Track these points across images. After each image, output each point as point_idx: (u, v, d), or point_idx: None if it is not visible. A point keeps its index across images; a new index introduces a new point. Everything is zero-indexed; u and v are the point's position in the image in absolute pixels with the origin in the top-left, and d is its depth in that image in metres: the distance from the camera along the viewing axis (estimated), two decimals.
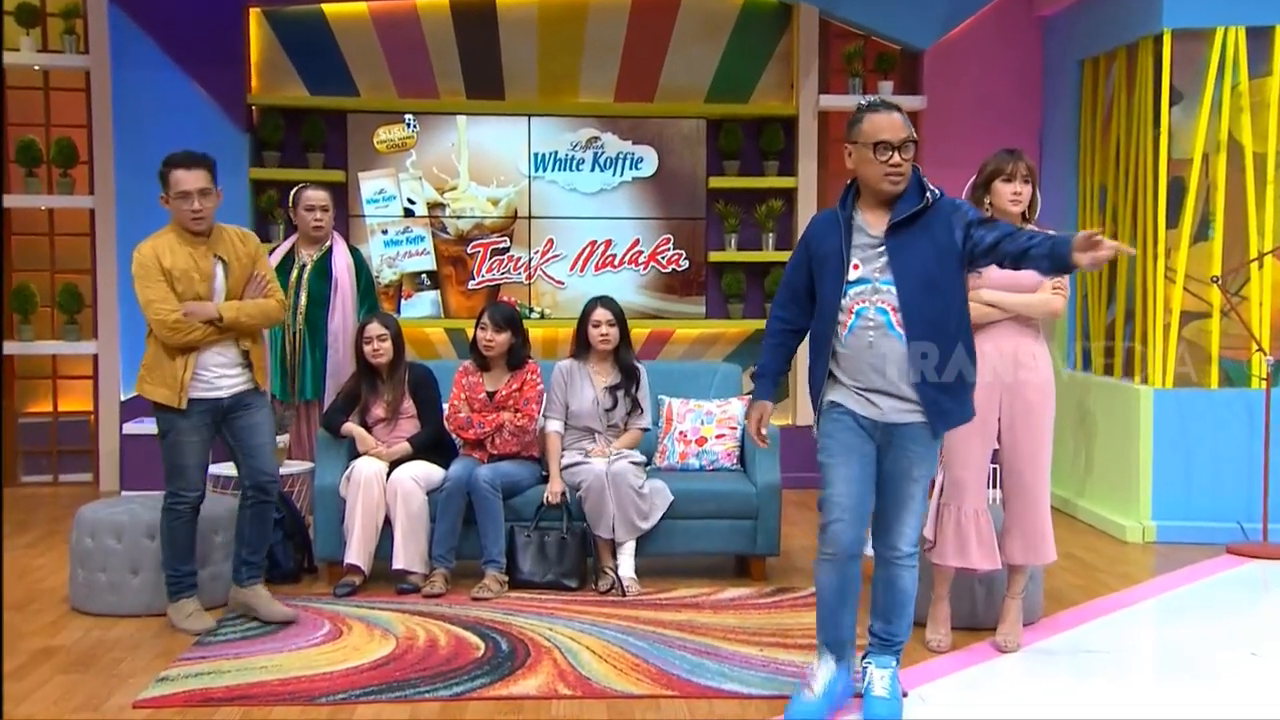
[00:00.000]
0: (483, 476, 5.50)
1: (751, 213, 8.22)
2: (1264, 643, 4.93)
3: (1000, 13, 8.10)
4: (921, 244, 3.81)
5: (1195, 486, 6.66)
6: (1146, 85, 6.79)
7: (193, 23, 7.82)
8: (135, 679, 4.36)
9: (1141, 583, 5.83)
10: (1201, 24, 6.62)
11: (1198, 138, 6.70)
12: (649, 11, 8.14)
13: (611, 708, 4.10)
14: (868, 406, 3.86)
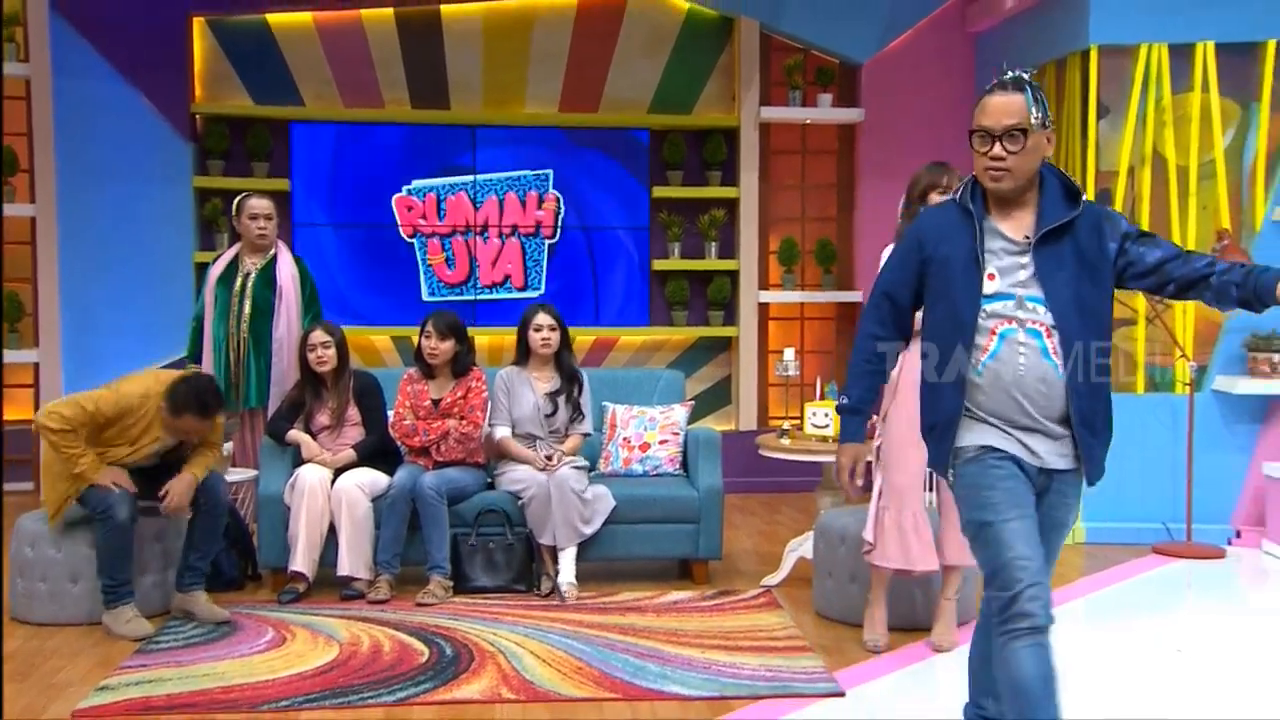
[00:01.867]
0: (427, 483, 5.47)
1: (694, 222, 8.24)
2: (1189, 640, 5.00)
3: (935, 28, 8.19)
4: (1069, 255, 3.07)
5: (1122, 489, 6.70)
6: (1074, 99, 6.89)
7: (136, 31, 7.74)
8: (74, 688, 4.28)
9: (1072, 582, 5.88)
10: (1126, 41, 6.72)
11: (1124, 150, 6.79)
12: (593, 24, 8.15)
13: (554, 711, 4.08)
14: (1025, 450, 3.10)
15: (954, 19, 8.19)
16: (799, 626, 5.05)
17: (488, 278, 8.17)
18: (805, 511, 7.21)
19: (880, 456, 4.82)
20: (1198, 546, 6.43)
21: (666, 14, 8.21)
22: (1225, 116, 6.79)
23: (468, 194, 8.11)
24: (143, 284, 7.71)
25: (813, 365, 8.39)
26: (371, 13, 8.01)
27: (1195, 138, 6.77)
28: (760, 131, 8.24)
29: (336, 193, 8.07)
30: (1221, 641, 5.01)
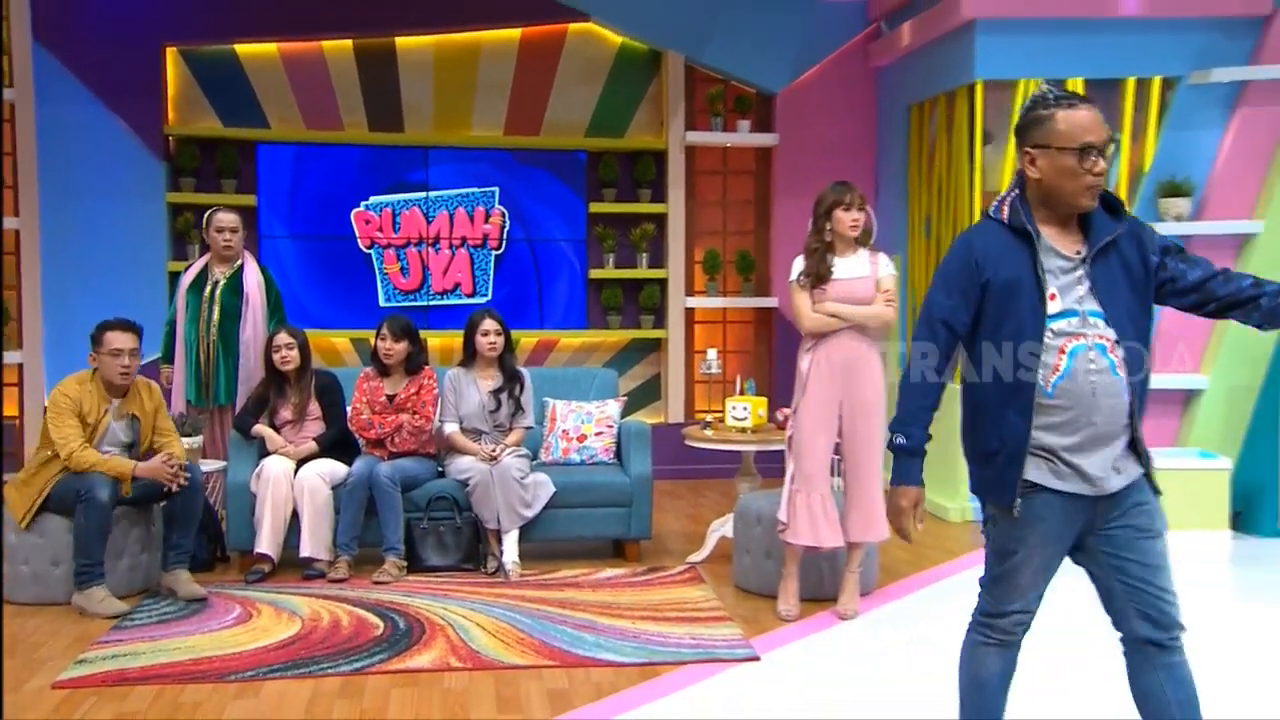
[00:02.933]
0: (383, 472, 5.44)
1: (627, 235, 8.25)
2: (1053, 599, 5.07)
3: (841, 62, 8.27)
4: (1118, 269, 2.76)
5: None
6: (963, 127, 6.96)
7: (113, 60, 7.61)
8: (54, 662, 4.22)
9: (961, 556, 5.93)
10: (1008, 75, 6.79)
11: (1006, 173, 6.86)
12: (535, 55, 8.13)
13: (499, 678, 4.08)
14: (1080, 482, 2.72)
15: (857, 55, 8.26)
16: (720, 599, 5.08)
17: (439, 285, 8.12)
18: (726, 495, 7.25)
19: (792, 445, 4.87)
20: None
21: (601, 47, 8.20)
22: None
23: (421, 209, 8.06)
24: (119, 291, 7.56)
25: (734, 364, 8.44)
26: (332, 44, 7.93)
27: None
28: (686, 153, 8.26)
29: (299, 208, 7.98)
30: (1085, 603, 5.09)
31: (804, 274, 4.79)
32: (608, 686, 3.99)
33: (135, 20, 7.62)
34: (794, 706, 3.85)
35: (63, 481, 4.90)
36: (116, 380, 4.99)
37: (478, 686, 3.99)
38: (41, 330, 7.60)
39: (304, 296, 7.90)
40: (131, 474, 4.91)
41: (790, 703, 3.88)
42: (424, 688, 3.98)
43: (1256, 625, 4.87)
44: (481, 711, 3.77)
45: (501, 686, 3.99)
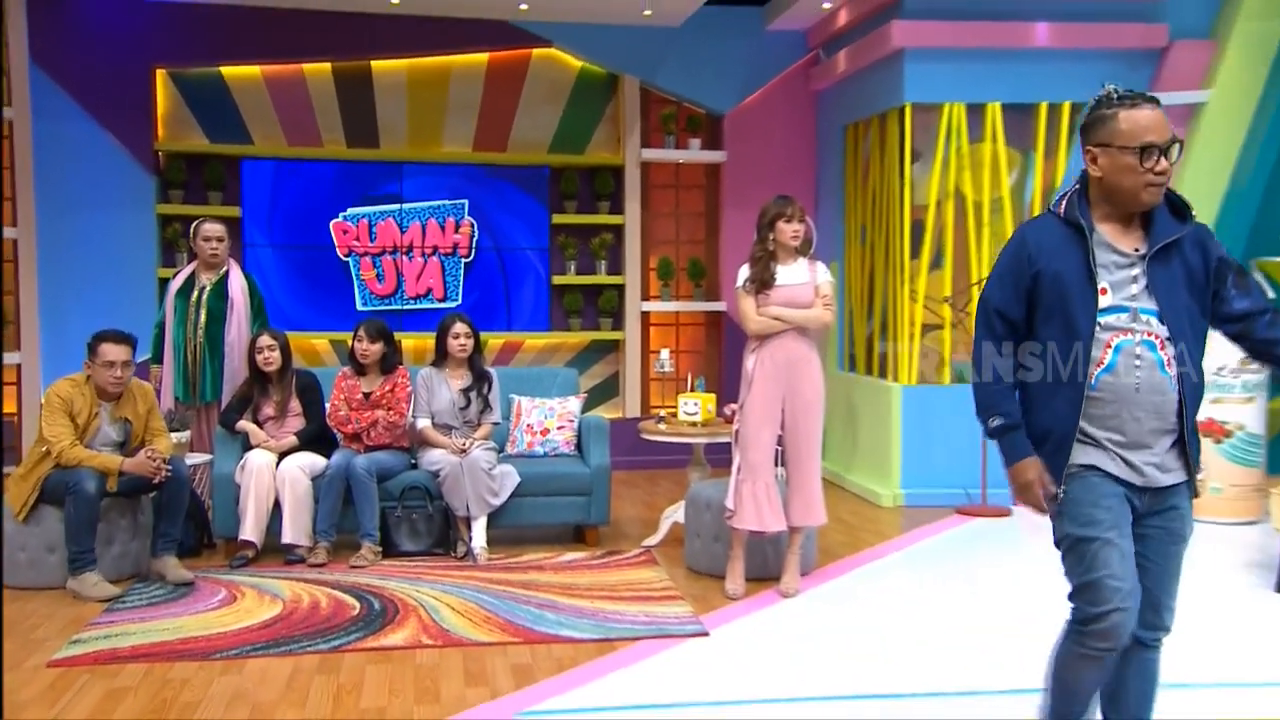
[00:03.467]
0: (360, 464, 5.41)
1: (587, 244, 8.25)
2: (982, 579, 5.16)
3: (783, 86, 8.31)
4: (1179, 270, 2.62)
5: (933, 462, 6.88)
6: (894, 146, 7.02)
7: (105, 80, 7.50)
8: (50, 642, 4.17)
9: (892, 538, 6.00)
10: (934, 100, 6.87)
11: (932, 188, 6.95)
12: (501, 78, 8.10)
13: (467, 654, 4.08)
14: (1129, 471, 2.62)
15: (798, 79, 8.32)
16: (672, 579, 5.10)
17: (413, 290, 8.07)
18: (679, 484, 7.27)
19: (738, 438, 4.89)
20: (991, 508, 6.61)
21: (563, 70, 8.19)
22: (1010, 162, 6.99)
23: (395, 220, 8.01)
24: (112, 296, 7.47)
25: (685, 363, 8.47)
26: (312, 66, 7.87)
27: (987, 179, 6.95)
28: (641, 169, 8.27)
29: (281, 218, 7.90)
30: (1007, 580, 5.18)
31: (749, 280, 4.81)
32: (568, 661, 4.00)
33: (126, 43, 7.52)
34: (741, 678, 3.87)
35: (54, 475, 4.85)
36: (109, 389, 4.94)
37: (447, 662, 3.99)
38: (38, 333, 7.49)
39: (285, 301, 7.83)
40: (118, 470, 4.86)
41: (737, 674, 3.90)
42: (397, 664, 3.97)
43: None
44: (451, 685, 3.76)
45: (469, 662, 3.99)
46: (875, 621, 4.53)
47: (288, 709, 3.55)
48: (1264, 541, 5.73)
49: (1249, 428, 6.27)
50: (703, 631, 4.33)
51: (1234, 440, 6.25)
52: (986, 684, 3.80)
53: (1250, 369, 6.21)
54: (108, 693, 3.67)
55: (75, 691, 3.68)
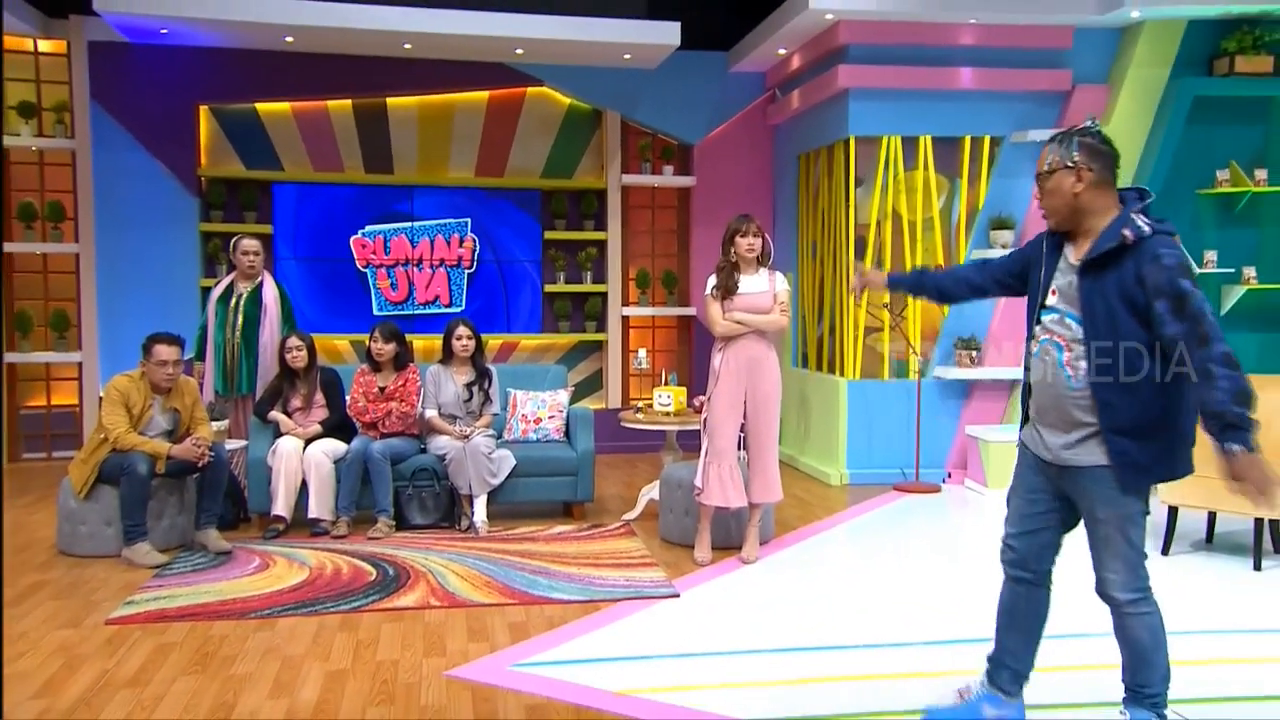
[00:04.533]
0: (376, 449, 5.40)
1: (575, 257, 8.26)
2: (911, 544, 5.20)
3: (745, 120, 8.33)
4: (1111, 281, 2.57)
5: (874, 445, 6.93)
6: (840, 173, 7.03)
7: (156, 116, 7.45)
8: (107, 603, 4.17)
9: (839, 512, 6.03)
10: (874, 133, 6.89)
11: (873, 209, 6.97)
12: (499, 112, 8.10)
13: (470, 614, 4.09)
14: (1040, 446, 2.77)
15: (758, 114, 8.34)
16: (648, 549, 5.11)
17: (422, 297, 8.06)
18: (654, 466, 7.30)
19: (706, 426, 4.90)
20: (923, 484, 6.66)
21: (553, 106, 8.20)
22: (939, 188, 7.03)
23: (407, 236, 7.99)
24: (160, 303, 7.44)
25: (660, 361, 8.49)
26: (335, 103, 7.84)
27: (920, 202, 6.98)
28: (621, 192, 8.28)
29: (307, 235, 7.87)
30: (938, 548, 5.23)
31: (715, 288, 4.82)
32: (558, 619, 4.03)
33: (174, 83, 7.47)
34: (708, 633, 3.90)
35: (111, 459, 4.83)
36: (162, 385, 4.94)
37: (452, 621, 4.00)
38: (97, 335, 7.44)
39: (310, 307, 7.81)
40: (166, 454, 4.84)
41: (704, 630, 3.93)
42: (409, 622, 3.98)
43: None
44: (455, 641, 3.78)
45: (472, 621, 4.01)
46: (825, 584, 4.57)
47: (314, 661, 3.56)
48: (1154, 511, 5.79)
49: None
50: (674, 594, 4.35)
51: None
52: (917, 636, 3.85)
53: None
54: (157, 647, 3.67)
55: (129, 646, 3.68)
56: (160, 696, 3.23)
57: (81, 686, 3.31)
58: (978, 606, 4.19)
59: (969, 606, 4.20)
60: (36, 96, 7.45)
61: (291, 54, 7.51)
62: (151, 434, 4.93)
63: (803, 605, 4.24)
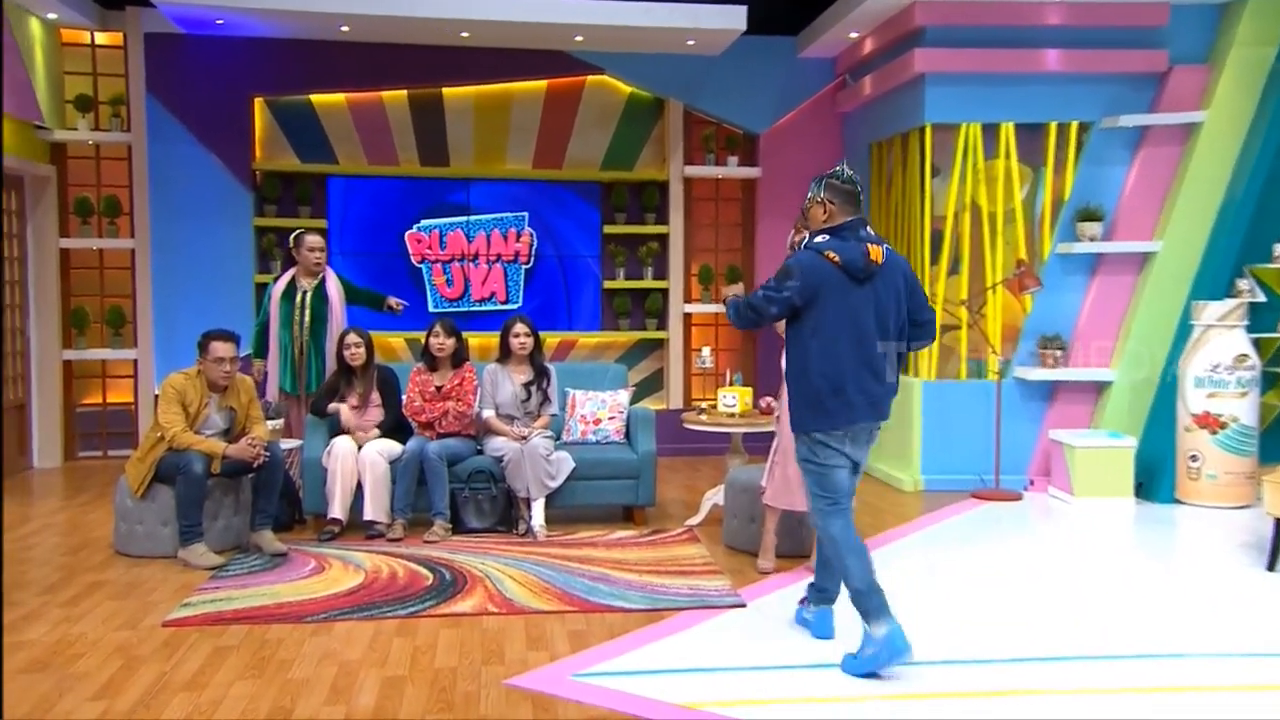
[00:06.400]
0: (432, 450, 5.46)
1: (635, 252, 8.27)
2: (997, 558, 5.10)
3: (814, 108, 8.27)
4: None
5: (950, 450, 6.83)
6: (915, 163, 6.96)
7: (211, 108, 7.65)
8: (164, 605, 4.28)
9: (913, 520, 5.96)
10: (952, 120, 6.80)
11: (950, 201, 6.88)
12: (558, 102, 8.14)
13: (528, 621, 4.12)
14: None
15: (827, 102, 8.27)
16: (712, 556, 5.10)
17: (478, 294, 8.14)
18: (718, 469, 7.28)
19: (779, 425, 4.88)
20: (1003, 492, 6.56)
21: (613, 95, 8.22)
22: (1021, 177, 6.90)
23: (463, 231, 8.09)
24: (214, 297, 7.62)
25: (724, 360, 8.46)
26: (390, 94, 7.96)
27: (1001, 192, 6.87)
28: (684, 184, 8.27)
29: (362, 230, 8.00)
30: (1020, 559, 5.13)
31: None
32: (619, 628, 4.03)
33: (229, 75, 7.66)
34: (775, 646, 3.87)
35: (167, 458, 4.95)
36: (220, 382, 5.06)
37: (511, 628, 4.03)
38: (152, 332, 7.65)
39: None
40: (222, 454, 4.96)
41: (771, 643, 3.91)
42: (466, 628, 4.02)
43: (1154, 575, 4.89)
44: (514, 648, 3.80)
45: (530, 628, 4.03)
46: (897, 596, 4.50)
47: (371, 667, 3.61)
48: (1256, 524, 5.62)
49: (1243, 420, 6.15)
50: (740, 603, 4.33)
51: (1228, 431, 6.14)
52: (995, 654, 3.78)
53: (1245, 366, 6.10)
54: (214, 650, 3.76)
55: (187, 648, 3.77)
56: (218, 700, 3.31)
57: (140, 689, 3.40)
58: (1062, 624, 4.09)
59: (1052, 623, 4.11)
60: (93, 90, 7.68)
61: (347, 44, 7.64)
62: (207, 433, 5.05)
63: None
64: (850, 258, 3.59)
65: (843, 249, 3.61)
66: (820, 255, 3.60)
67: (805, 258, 3.64)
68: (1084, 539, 5.59)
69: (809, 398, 3.62)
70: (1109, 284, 6.85)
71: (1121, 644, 3.88)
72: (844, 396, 3.58)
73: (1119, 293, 6.84)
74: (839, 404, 3.58)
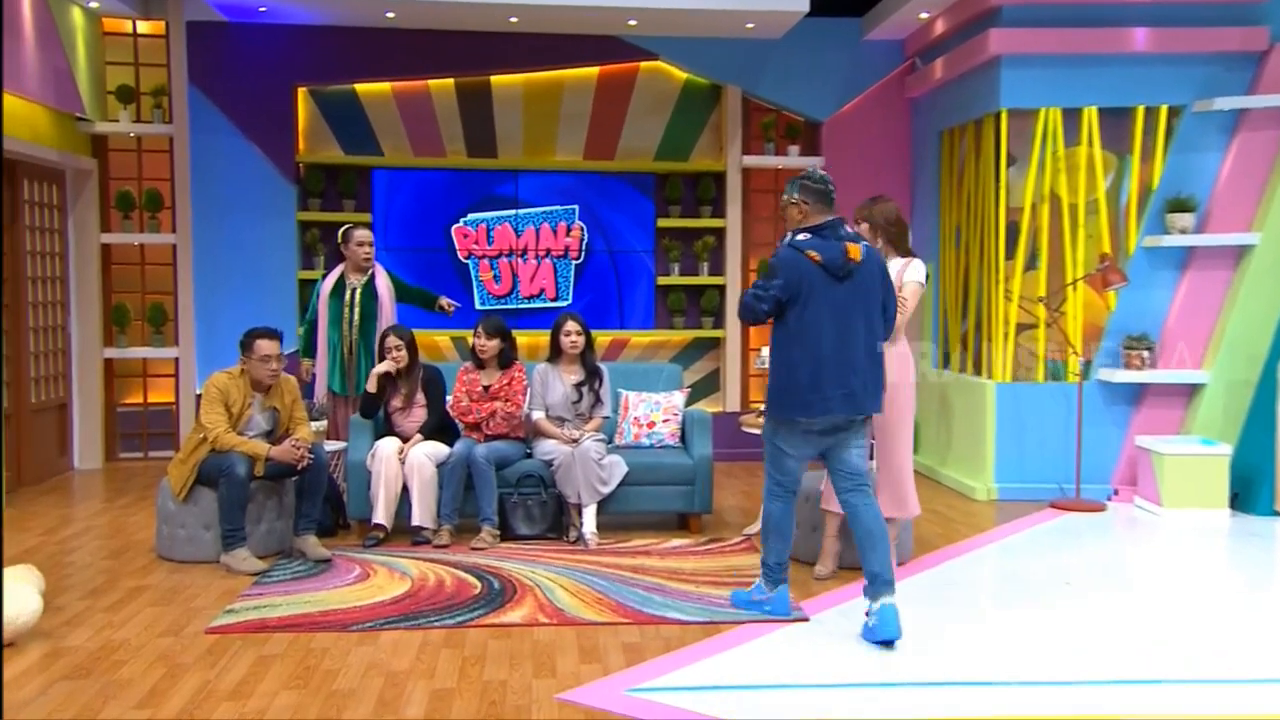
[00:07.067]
0: (479, 453, 5.50)
1: (690, 246, 8.25)
2: (1076, 574, 5.01)
3: (880, 94, 8.19)
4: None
5: (1026, 456, 6.74)
6: (989, 151, 6.87)
7: (254, 99, 7.78)
8: (207, 611, 4.35)
9: (987, 531, 5.89)
10: (1030, 105, 6.70)
11: (1028, 191, 6.78)
12: (610, 90, 8.15)
13: (580, 633, 4.12)
14: None
15: (895, 87, 8.18)
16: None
17: (526, 290, 8.18)
18: None
19: None
20: (1085, 502, 6.44)
21: (668, 82, 8.21)
22: (1105, 165, 6.77)
23: (511, 224, 8.13)
24: (257, 294, 7.76)
25: None
26: (437, 82, 8.03)
27: (1083, 182, 6.75)
28: (742, 175, 8.24)
29: (408, 224, 8.09)
30: (1102, 575, 5.02)
31: None
32: (675, 641, 4.02)
33: (272, 65, 7.78)
34: (839, 662, 3.84)
35: (210, 460, 5.04)
36: (266, 381, 5.13)
37: (563, 640, 4.04)
38: (194, 329, 7.80)
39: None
40: (265, 456, 5.03)
41: (836, 659, 3.87)
42: (516, 640, 4.04)
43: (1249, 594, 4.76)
44: (566, 661, 3.81)
45: (583, 639, 4.04)
46: (969, 612, 4.45)
47: (418, 679, 3.64)
48: None
49: None
50: (803, 617, 4.30)
51: None
52: (1080, 675, 3.70)
53: None
54: (258, 659, 3.82)
55: (230, 656, 3.83)
56: (263, 711, 3.36)
57: (184, 698, 3.46)
58: (1147, 645, 4.00)
59: (1138, 642, 4.02)
60: (135, 80, 7.85)
61: (392, 31, 7.73)
62: (250, 434, 5.13)
63: (944, 635, 4.14)
64: (830, 256, 3.98)
65: (823, 248, 3.99)
66: (801, 254, 4.00)
67: (787, 255, 4.04)
68: (1173, 553, 5.47)
69: (788, 387, 4.05)
70: (1201, 279, 6.68)
71: (1210, 669, 3.77)
72: (820, 390, 3.98)
73: (1212, 288, 6.67)
74: (815, 397, 3.99)
